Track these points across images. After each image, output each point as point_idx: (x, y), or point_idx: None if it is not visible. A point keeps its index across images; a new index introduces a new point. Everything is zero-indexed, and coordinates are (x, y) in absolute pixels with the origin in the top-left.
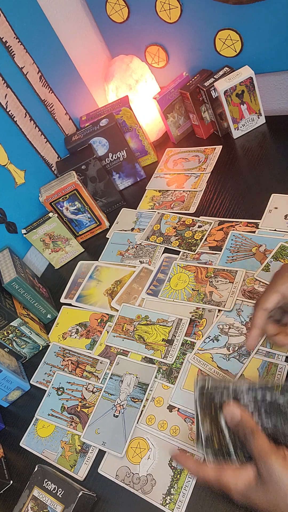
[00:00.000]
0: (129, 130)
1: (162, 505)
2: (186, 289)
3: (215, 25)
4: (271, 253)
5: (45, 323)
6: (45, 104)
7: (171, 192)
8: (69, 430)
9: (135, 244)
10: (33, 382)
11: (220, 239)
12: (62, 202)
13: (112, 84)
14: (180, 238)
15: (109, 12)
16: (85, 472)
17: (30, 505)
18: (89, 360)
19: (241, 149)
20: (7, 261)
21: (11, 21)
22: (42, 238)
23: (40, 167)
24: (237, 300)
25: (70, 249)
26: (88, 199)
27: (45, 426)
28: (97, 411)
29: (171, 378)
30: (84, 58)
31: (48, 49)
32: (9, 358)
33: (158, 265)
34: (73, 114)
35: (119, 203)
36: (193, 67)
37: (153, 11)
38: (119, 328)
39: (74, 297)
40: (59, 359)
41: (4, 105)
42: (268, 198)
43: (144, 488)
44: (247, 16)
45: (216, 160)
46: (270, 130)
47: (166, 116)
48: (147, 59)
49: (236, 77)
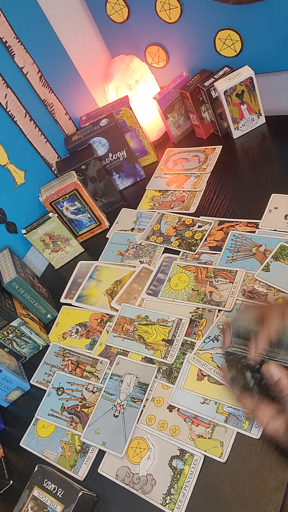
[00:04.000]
0: (129, 130)
1: (162, 505)
2: (186, 289)
3: (215, 25)
4: (271, 253)
5: (45, 323)
6: (45, 104)
7: (171, 192)
8: (69, 430)
9: (135, 244)
10: (33, 382)
11: (220, 239)
12: (62, 202)
13: (112, 84)
14: (180, 238)
15: (109, 12)
16: (85, 472)
17: (30, 505)
18: (89, 360)
19: (241, 149)
20: (7, 261)
21: (11, 21)
22: (42, 238)
23: (40, 167)
24: (237, 300)
25: (70, 249)
26: (88, 199)
27: (45, 426)
28: (97, 411)
29: (171, 378)
30: (84, 58)
31: (48, 49)
32: (9, 358)
33: (158, 265)
34: (73, 114)
35: (119, 203)
36: (193, 67)
37: (153, 11)
38: (119, 328)
39: (74, 297)
40: (59, 359)
41: (4, 105)
42: (268, 198)
43: (144, 488)
44: (247, 16)
45: (216, 160)
46: (270, 130)
47: (166, 116)
48: (147, 59)
49: (236, 77)
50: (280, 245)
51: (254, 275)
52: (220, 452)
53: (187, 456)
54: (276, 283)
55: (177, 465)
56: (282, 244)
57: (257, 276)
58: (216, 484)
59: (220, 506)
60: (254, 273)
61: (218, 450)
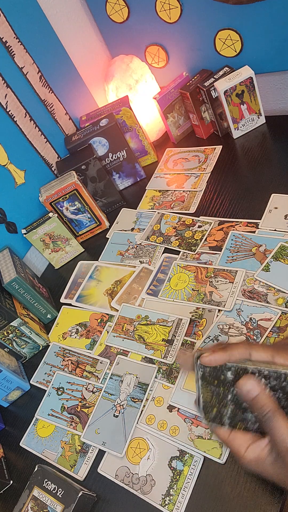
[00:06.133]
0: (129, 130)
1: (161, 505)
2: (186, 289)
3: (215, 25)
4: (271, 253)
5: (45, 323)
6: (45, 104)
7: (171, 192)
8: (69, 430)
9: (135, 244)
10: (33, 382)
11: (220, 239)
12: (62, 202)
13: (112, 84)
14: (180, 238)
15: (109, 12)
16: (85, 472)
17: (30, 505)
18: (89, 360)
19: (241, 149)
20: (7, 261)
21: (11, 21)
22: (42, 238)
23: (40, 167)
24: (237, 300)
25: (70, 249)
26: (88, 199)
27: (45, 426)
28: (97, 411)
29: (171, 378)
30: (84, 58)
31: (48, 49)
32: (9, 358)
33: (158, 265)
34: (73, 114)
35: (119, 203)
36: (193, 67)
37: (153, 11)
38: (119, 328)
39: (74, 297)
40: (59, 359)
41: (4, 105)
42: (268, 198)
43: (144, 488)
44: (247, 16)
45: (216, 160)
46: (270, 130)
47: (166, 116)
48: (147, 59)
49: (236, 77)
50: (280, 245)
51: (254, 275)
52: (219, 453)
53: (187, 457)
54: (276, 283)
55: (176, 466)
56: (282, 244)
57: (257, 276)
58: (216, 484)
59: (220, 506)
60: (254, 273)
61: (217, 451)
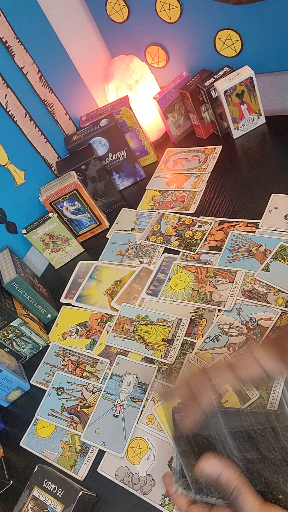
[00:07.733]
0: (129, 130)
1: (161, 505)
2: (186, 289)
3: (215, 25)
4: (271, 253)
5: (45, 323)
6: (45, 104)
7: (171, 192)
8: (69, 430)
9: (135, 244)
10: (33, 382)
11: (220, 239)
12: (62, 202)
13: (112, 84)
14: (180, 238)
15: (109, 12)
16: (85, 472)
17: (30, 505)
18: (89, 360)
19: (241, 149)
20: (7, 261)
21: (11, 21)
22: (42, 238)
23: (40, 167)
24: (237, 300)
25: (70, 249)
26: (88, 199)
27: (45, 426)
28: (97, 411)
29: (171, 378)
30: (84, 58)
31: (48, 49)
32: (9, 358)
33: (158, 265)
34: (73, 114)
35: (119, 203)
36: (193, 67)
37: (153, 11)
38: (119, 328)
39: (74, 297)
40: (59, 359)
41: (4, 105)
42: (268, 198)
43: (144, 488)
44: (247, 16)
45: (216, 160)
46: (270, 130)
47: (166, 116)
48: (147, 59)
49: (236, 77)
50: (280, 245)
51: (254, 275)
52: None
53: None
54: (276, 283)
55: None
56: (282, 244)
57: (257, 276)
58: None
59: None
60: (254, 273)
61: None
